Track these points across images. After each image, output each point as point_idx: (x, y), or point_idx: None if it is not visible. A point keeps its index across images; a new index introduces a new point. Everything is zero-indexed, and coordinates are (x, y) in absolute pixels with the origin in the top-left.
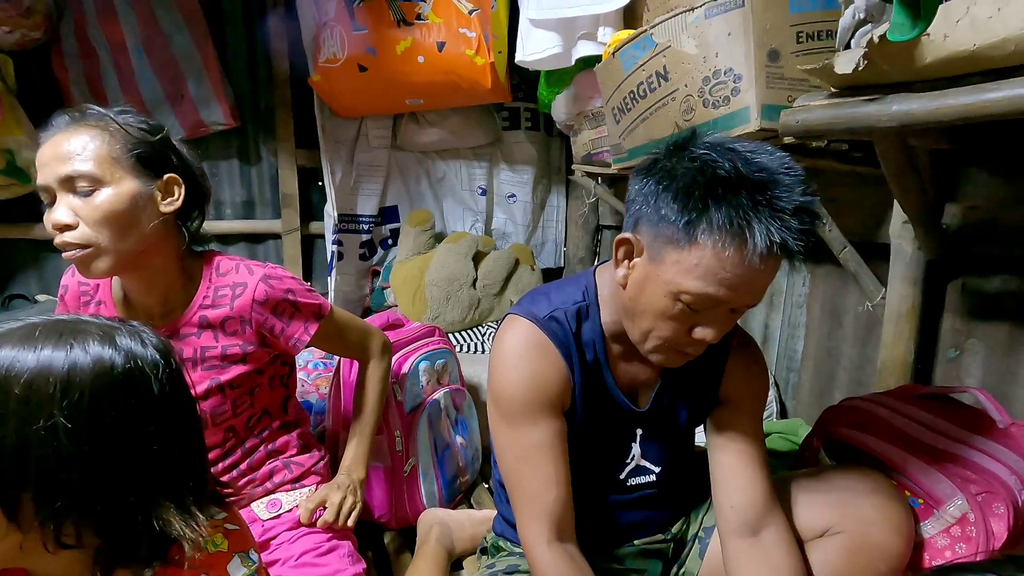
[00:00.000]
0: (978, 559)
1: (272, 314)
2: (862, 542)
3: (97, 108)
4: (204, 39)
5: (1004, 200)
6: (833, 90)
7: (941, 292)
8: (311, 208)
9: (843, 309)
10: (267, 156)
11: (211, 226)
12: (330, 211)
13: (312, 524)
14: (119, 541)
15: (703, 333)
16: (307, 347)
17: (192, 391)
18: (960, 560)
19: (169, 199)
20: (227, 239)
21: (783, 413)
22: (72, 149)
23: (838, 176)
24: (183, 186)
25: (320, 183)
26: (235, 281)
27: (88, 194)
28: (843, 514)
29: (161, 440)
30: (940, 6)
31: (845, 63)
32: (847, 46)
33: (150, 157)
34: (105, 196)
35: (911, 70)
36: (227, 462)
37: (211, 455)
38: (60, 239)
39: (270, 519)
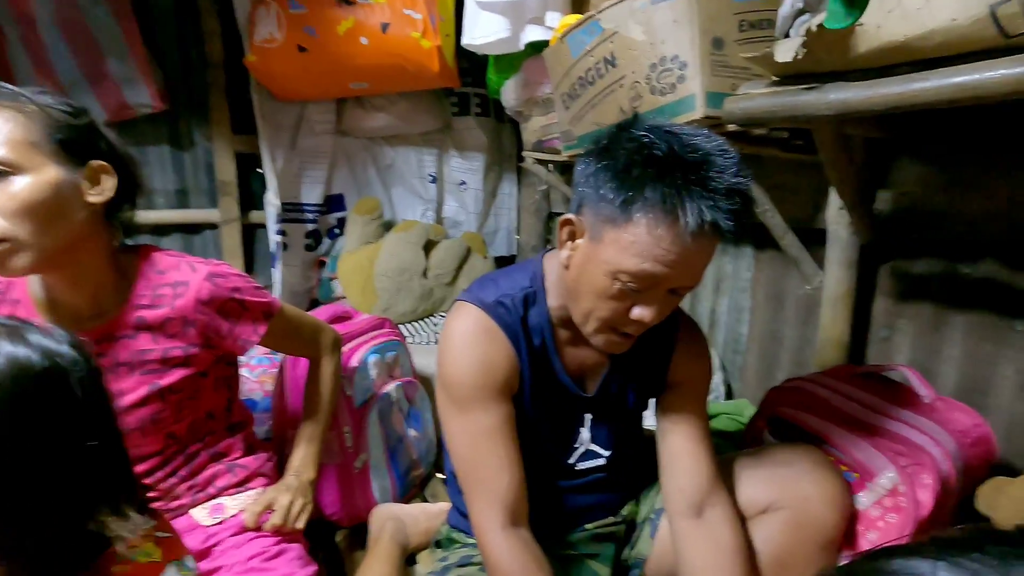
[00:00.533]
0: (904, 541)
1: (218, 314)
2: (802, 517)
3: (9, 87)
4: (125, 14)
5: (931, 187)
6: (774, 78)
7: (874, 275)
8: (251, 197)
9: (785, 293)
10: (201, 141)
11: (142, 216)
12: (272, 199)
13: (259, 528)
14: (45, 550)
15: (641, 313)
16: (256, 347)
17: (128, 397)
18: (886, 544)
19: (97, 188)
20: (160, 230)
21: (729, 394)
22: None
23: (780, 164)
24: (113, 175)
25: (260, 170)
26: (176, 280)
27: (5, 184)
28: (784, 491)
29: (87, 440)
30: None
31: (785, 52)
32: (786, 35)
33: (74, 142)
34: (23, 185)
35: (847, 59)
36: (166, 469)
37: (149, 463)
38: None
39: (213, 525)
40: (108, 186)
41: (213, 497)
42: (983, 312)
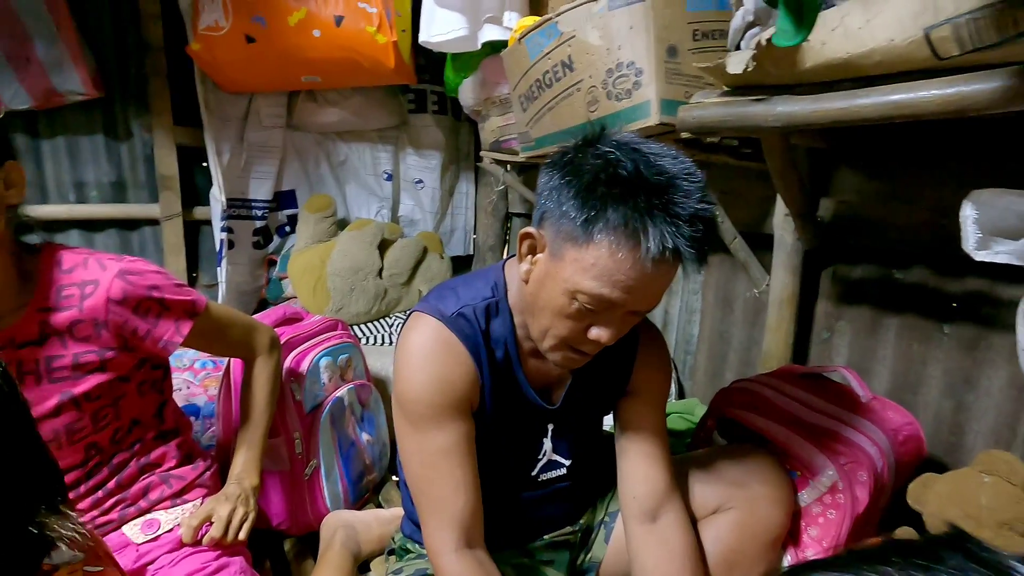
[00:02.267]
0: (824, 555)
1: (134, 314)
2: (750, 517)
3: None
4: None
5: (869, 196)
6: (725, 88)
7: (816, 279)
8: (195, 192)
9: (734, 295)
10: (140, 132)
11: (73, 210)
12: (217, 195)
13: (197, 543)
14: None
15: (598, 334)
16: (182, 348)
17: (39, 408)
18: (804, 560)
19: (13, 190)
20: (94, 225)
21: (681, 393)
22: None
23: (730, 171)
24: (23, 173)
25: (205, 164)
26: (84, 278)
27: None
28: (732, 493)
29: (11, 439)
30: (819, 15)
31: (736, 64)
32: (737, 47)
33: None
34: None
35: (793, 73)
36: (90, 483)
37: (70, 476)
38: None
39: (146, 542)
40: (22, 184)
41: (146, 512)
42: (914, 315)
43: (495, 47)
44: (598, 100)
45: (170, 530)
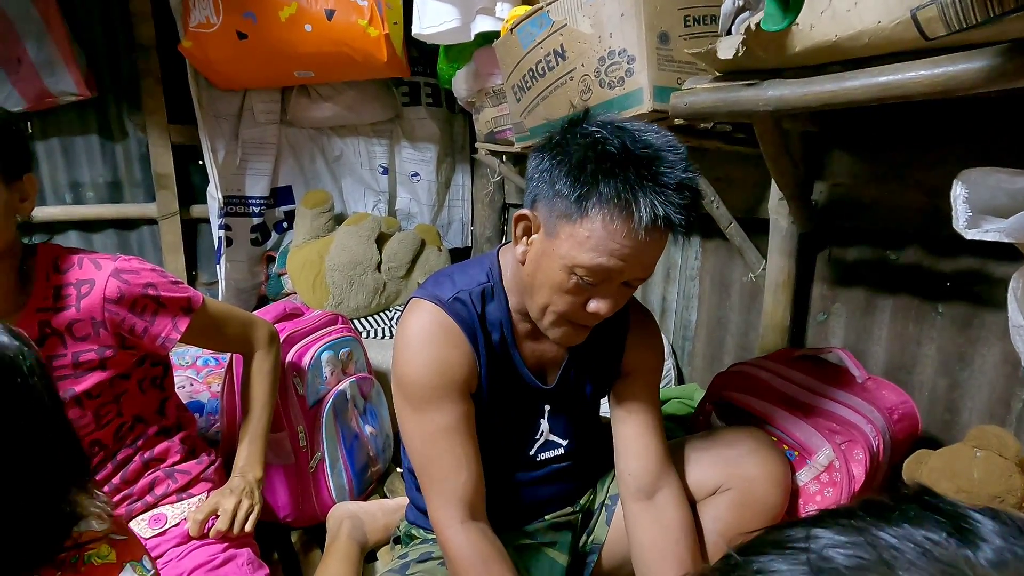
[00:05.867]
0: (837, 506)
1: (131, 312)
2: (747, 497)
3: None
4: None
5: (862, 178)
6: (717, 74)
7: (812, 262)
8: (192, 190)
9: (730, 280)
10: (134, 132)
11: (70, 211)
12: (214, 193)
13: (204, 536)
14: (21, 537)
15: (597, 306)
16: (180, 344)
17: None
18: (820, 509)
19: (27, 203)
20: (91, 226)
21: (680, 379)
22: None
23: (724, 156)
24: (36, 184)
25: (201, 162)
26: (79, 278)
27: None
28: (730, 473)
29: (45, 424)
30: None
31: (726, 49)
32: (728, 32)
33: (14, 158)
34: None
35: (783, 57)
36: (95, 479)
37: None
38: None
39: (154, 536)
40: (35, 196)
41: (152, 506)
42: (909, 296)
43: (488, 38)
44: (591, 88)
45: (177, 524)
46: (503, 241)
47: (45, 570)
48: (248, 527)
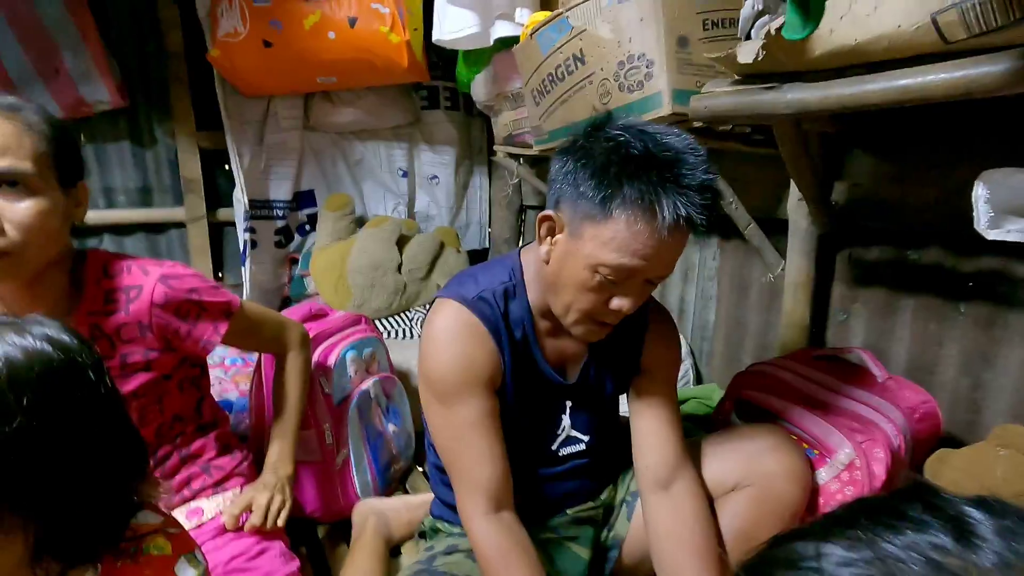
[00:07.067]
0: (840, 510)
1: (175, 316)
2: (767, 493)
3: (13, 99)
4: (79, 6)
5: (882, 178)
6: (736, 77)
7: (831, 262)
8: (218, 194)
9: (749, 281)
10: (163, 138)
11: (103, 216)
12: (240, 197)
13: (239, 529)
14: (83, 528)
15: (620, 303)
16: (219, 346)
17: None
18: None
19: (81, 209)
20: (123, 230)
21: (699, 379)
22: (2, 141)
23: (742, 157)
24: (88, 191)
25: (227, 167)
26: (128, 284)
27: (19, 197)
28: (750, 470)
29: (109, 420)
30: (827, 3)
31: (746, 53)
32: (748, 36)
33: (70, 166)
34: (39, 205)
35: (803, 61)
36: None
37: None
38: None
39: (191, 529)
40: (86, 203)
41: (189, 500)
42: (930, 296)
43: (506, 43)
44: (610, 92)
45: (213, 517)
46: (520, 242)
47: (108, 558)
48: (280, 522)
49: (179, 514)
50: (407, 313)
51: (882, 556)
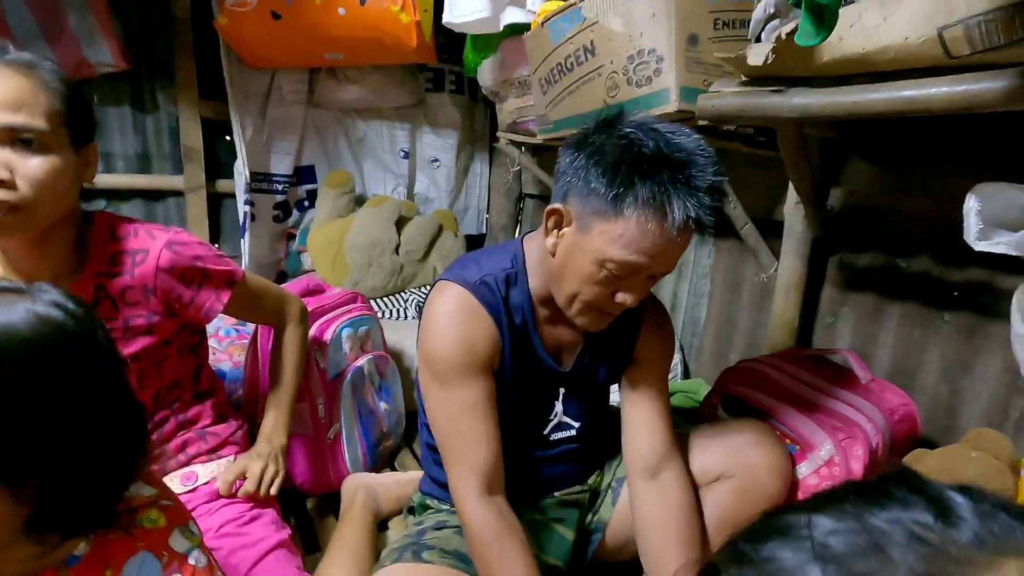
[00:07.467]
0: (832, 489)
1: (179, 282)
2: (749, 484)
3: (28, 55)
4: None
5: (877, 185)
6: (743, 78)
7: (823, 266)
8: (217, 164)
9: (742, 280)
10: (165, 105)
11: (101, 180)
12: (241, 169)
13: (232, 495)
14: (78, 504)
15: (624, 297)
16: (220, 315)
17: None
18: (815, 494)
19: (90, 169)
20: (120, 195)
21: (687, 374)
22: (19, 97)
23: (743, 158)
24: (98, 152)
25: (228, 138)
26: (134, 247)
27: (33, 154)
28: (734, 462)
29: (115, 386)
30: (839, 10)
31: (756, 55)
32: (758, 38)
33: (83, 125)
34: (51, 162)
35: (811, 66)
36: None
37: None
38: None
39: (185, 493)
40: (96, 164)
41: (184, 465)
42: (916, 303)
43: (516, 29)
44: (618, 86)
45: (207, 483)
46: (517, 230)
47: (101, 530)
48: (273, 491)
49: (174, 478)
50: (402, 294)
51: (868, 528)
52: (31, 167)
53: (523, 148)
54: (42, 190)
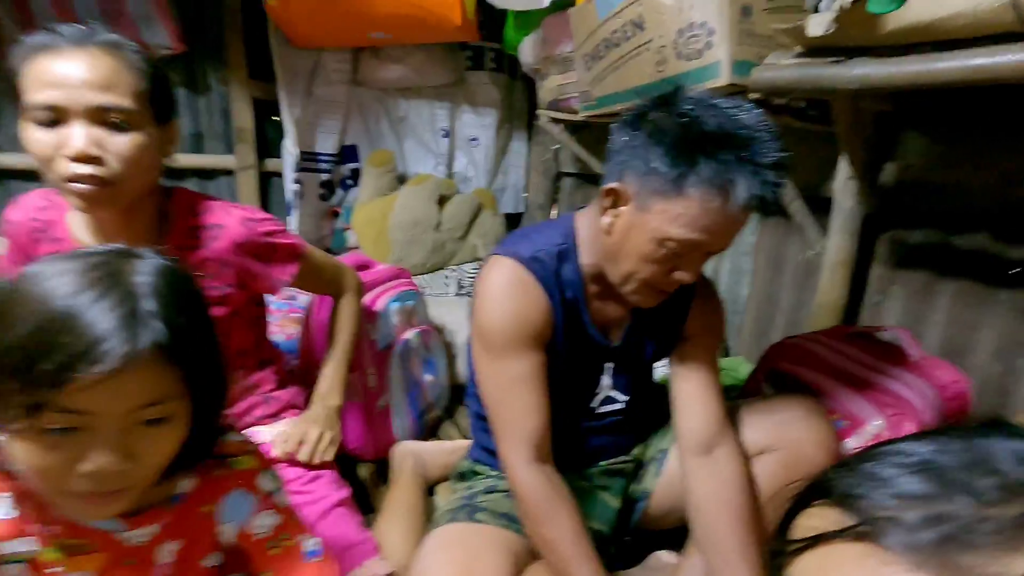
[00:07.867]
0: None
1: (252, 256)
2: (795, 458)
3: (114, 36)
4: None
5: (934, 160)
6: (800, 50)
7: (872, 243)
8: (266, 143)
9: (785, 257)
10: (216, 85)
11: None
12: (290, 148)
13: (291, 458)
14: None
15: (681, 275)
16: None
17: None
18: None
19: (171, 145)
20: (176, 174)
21: (726, 352)
22: (108, 77)
23: (792, 132)
24: (179, 130)
25: (276, 117)
26: (212, 222)
27: (121, 131)
28: (779, 436)
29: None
30: None
31: (816, 26)
32: (816, 9)
33: (165, 103)
34: (138, 139)
35: (874, 36)
36: None
37: None
38: (78, 170)
39: None
40: (177, 140)
41: (249, 427)
42: (971, 281)
43: (559, 5)
44: (667, 60)
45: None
46: (554, 208)
47: (203, 467)
48: (329, 456)
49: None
50: (442, 271)
51: (971, 448)
52: (119, 144)
53: (562, 125)
54: (130, 165)
